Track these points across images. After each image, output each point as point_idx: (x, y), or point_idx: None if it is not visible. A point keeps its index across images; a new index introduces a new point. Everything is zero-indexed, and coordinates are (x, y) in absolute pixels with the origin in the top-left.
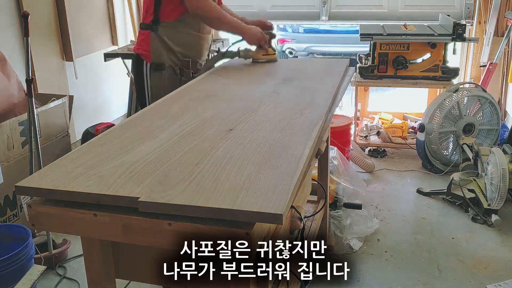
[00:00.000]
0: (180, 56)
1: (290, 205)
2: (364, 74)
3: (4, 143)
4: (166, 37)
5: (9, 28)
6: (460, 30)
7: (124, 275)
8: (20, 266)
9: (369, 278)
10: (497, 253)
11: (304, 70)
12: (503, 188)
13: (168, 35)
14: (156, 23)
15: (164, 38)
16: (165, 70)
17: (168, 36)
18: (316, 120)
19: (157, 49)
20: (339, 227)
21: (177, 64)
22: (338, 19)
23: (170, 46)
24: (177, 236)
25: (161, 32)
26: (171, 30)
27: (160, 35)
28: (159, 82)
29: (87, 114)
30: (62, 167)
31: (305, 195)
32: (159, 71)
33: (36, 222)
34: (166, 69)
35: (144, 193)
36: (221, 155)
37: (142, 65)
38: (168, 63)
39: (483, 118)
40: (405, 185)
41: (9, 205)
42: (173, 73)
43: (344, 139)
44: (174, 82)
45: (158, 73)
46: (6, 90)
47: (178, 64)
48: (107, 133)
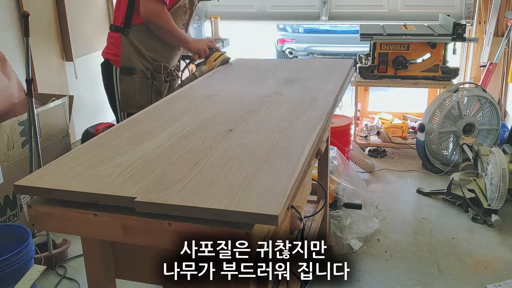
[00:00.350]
0: (151, 60)
1: (286, 206)
2: (364, 74)
3: (4, 143)
4: (137, 41)
5: (9, 28)
6: (460, 30)
7: (124, 275)
8: (20, 266)
9: (369, 278)
10: (497, 253)
11: (308, 70)
12: (503, 188)
13: (139, 39)
14: (127, 25)
15: (135, 42)
16: (136, 74)
17: (139, 40)
18: (317, 121)
19: (127, 52)
20: (339, 227)
21: (148, 68)
22: (338, 19)
23: (141, 50)
24: (177, 236)
25: (132, 35)
26: (141, 34)
27: (130, 38)
28: (129, 87)
29: (87, 114)
30: (61, 166)
31: (305, 195)
32: (129, 75)
33: (36, 222)
34: (136, 73)
35: (141, 193)
36: (220, 155)
37: (112, 71)
38: (139, 67)
39: (483, 118)
40: (405, 185)
41: (9, 205)
42: (144, 77)
43: (344, 139)
44: (145, 86)
45: (128, 77)
46: (6, 90)
47: (150, 68)
48: (107, 133)
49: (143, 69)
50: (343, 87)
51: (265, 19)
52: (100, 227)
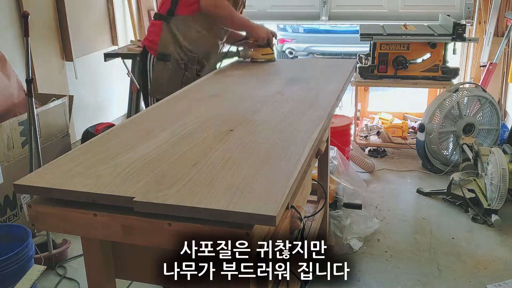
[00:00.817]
0: (186, 51)
1: (285, 206)
2: (364, 74)
3: (4, 143)
4: (177, 30)
5: (9, 28)
6: (460, 30)
7: (124, 275)
8: (20, 266)
9: (369, 278)
10: (497, 253)
11: (311, 70)
12: (503, 188)
13: (179, 28)
14: (171, 14)
15: (174, 30)
16: (170, 62)
17: (179, 30)
18: (318, 121)
19: (165, 39)
20: (339, 227)
21: (183, 58)
22: (338, 19)
23: (179, 39)
24: (177, 236)
25: (173, 24)
26: (183, 25)
27: (171, 26)
28: (161, 73)
29: (87, 114)
30: (61, 166)
31: (305, 195)
32: (163, 62)
33: (36, 222)
34: (171, 60)
35: (139, 193)
36: (220, 155)
37: (147, 58)
38: (174, 56)
39: (483, 118)
40: (405, 185)
41: (9, 205)
42: (177, 66)
43: (344, 139)
44: (177, 75)
45: (162, 63)
46: (6, 90)
47: (184, 59)
48: (108, 133)
49: (177, 58)
50: (345, 87)
51: (265, 19)
52: (100, 227)
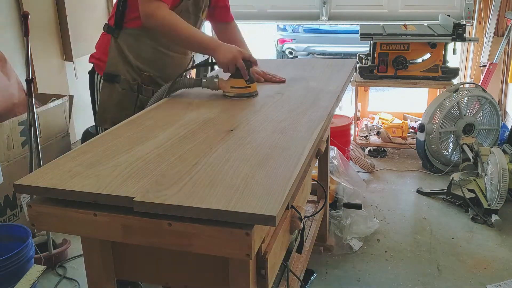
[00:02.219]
0: (138, 71)
1: (285, 206)
2: (364, 74)
3: (4, 143)
4: (126, 47)
5: (9, 28)
6: (460, 30)
7: (124, 275)
8: (20, 266)
9: (369, 278)
10: (497, 253)
11: (311, 70)
12: (503, 188)
13: (128, 45)
14: (119, 28)
15: (123, 47)
16: (119, 83)
17: (128, 46)
18: (318, 122)
19: (114, 58)
20: (339, 227)
21: (135, 78)
22: (338, 19)
23: (129, 58)
24: (177, 236)
25: (121, 40)
26: (132, 40)
27: (119, 42)
28: (109, 97)
29: (87, 114)
30: (60, 166)
31: (305, 195)
32: (111, 84)
33: (36, 222)
34: (120, 82)
35: (139, 193)
36: (220, 155)
37: (94, 79)
38: (125, 76)
39: (483, 118)
40: (405, 185)
41: (9, 205)
42: (129, 88)
43: (344, 139)
44: (128, 99)
45: (109, 85)
46: (6, 90)
47: (137, 79)
48: (108, 133)
49: (129, 79)
50: (345, 87)
51: (265, 19)
52: (100, 227)
